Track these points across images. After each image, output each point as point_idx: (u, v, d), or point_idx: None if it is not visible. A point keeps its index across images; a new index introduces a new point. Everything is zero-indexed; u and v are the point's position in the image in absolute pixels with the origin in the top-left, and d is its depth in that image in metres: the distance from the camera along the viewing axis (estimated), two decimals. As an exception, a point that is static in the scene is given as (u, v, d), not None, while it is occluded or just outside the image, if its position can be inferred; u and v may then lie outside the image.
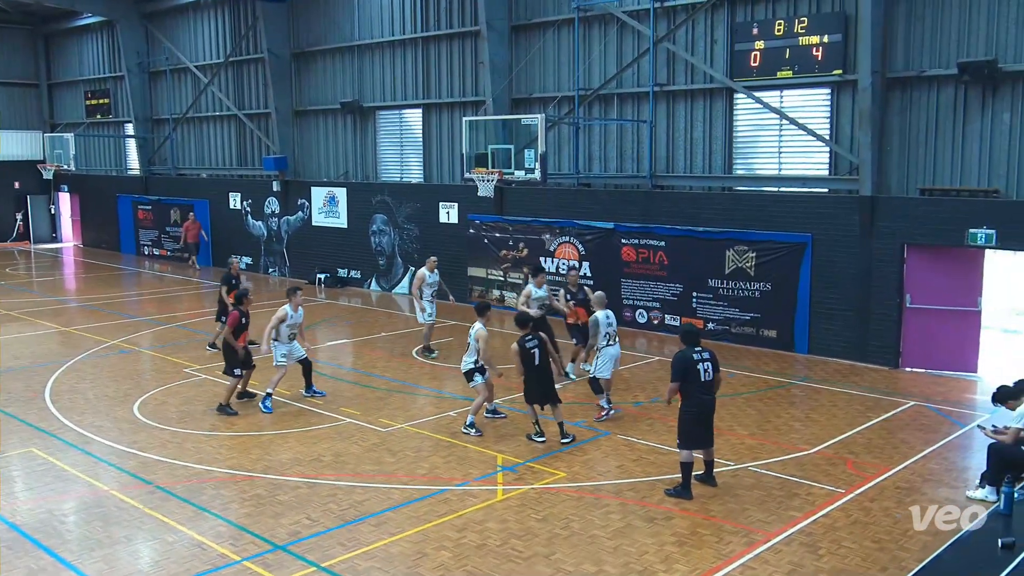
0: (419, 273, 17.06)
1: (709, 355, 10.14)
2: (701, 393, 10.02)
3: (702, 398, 10.03)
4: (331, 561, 8.52)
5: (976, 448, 11.45)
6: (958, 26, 15.31)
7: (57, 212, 39.38)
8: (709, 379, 10.04)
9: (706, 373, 10.01)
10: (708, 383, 10.05)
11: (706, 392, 10.06)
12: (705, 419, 10.09)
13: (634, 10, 19.38)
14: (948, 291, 15.71)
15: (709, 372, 10.03)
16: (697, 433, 10.10)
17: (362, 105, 25.48)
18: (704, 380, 10.00)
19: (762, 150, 18.31)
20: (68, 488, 10.45)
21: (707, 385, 10.05)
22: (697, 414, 10.04)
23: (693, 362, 9.99)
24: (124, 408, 13.65)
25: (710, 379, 10.05)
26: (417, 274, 17.14)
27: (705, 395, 10.05)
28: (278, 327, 13.78)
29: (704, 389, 10.04)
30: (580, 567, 8.41)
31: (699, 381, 9.98)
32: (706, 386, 10.04)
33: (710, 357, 10.12)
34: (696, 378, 9.97)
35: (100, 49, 35.61)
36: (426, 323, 16.92)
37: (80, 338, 18.86)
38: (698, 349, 10.13)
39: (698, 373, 9.96)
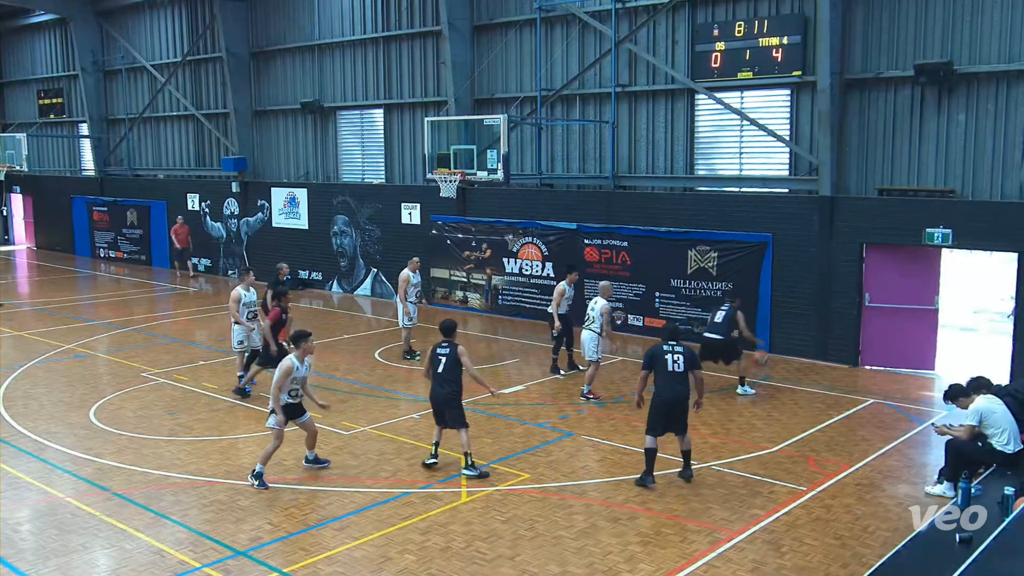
0: (403, 275, 16.75)
1: (683, 350, 10.43)
2: (666, 382, 10.31)
3: (667, 387, 10.30)
4: (293, 566, 8.41)
5: (934, 444, 11.61)
6: (914, 29, 15.54)
7: (9, 214, 38.59)
8: (679, 370, 10.30)
9: (675, 364, 10.29)
10: (676, 373, 10.30)
11: (674, 382, 10.29)
12: (669, 408, 10.31)
13: (596, 11, 19.43)
14: (906, 290, 15.94)
15: (679, 363, 10.30)
16: (658, 419, 10.38)
17: (323, 105, 25.27)
18: (671, 370, 10.29)
19: (723, 151, 18.44)
20: (22, 496, 10.21)
21: (674, 375, 10.29)
22: (661, 402, 10.35)
23: (661, 352, 10.38)
24: (80, 414, 13.38)
25: (680, 370, 10.30)
26: (401, 276, 16.78)
27: (672, 384, 10.28)
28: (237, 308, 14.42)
29: (670, 379, 10.29)
30: (545, 568, 8.38)
31: (665, 370, 10.30)
32: (673, 376, 10.29)
33: (683, 352, 10.40)
34: (663, 368, 10.31)
35: (53, 47, 34.97)
36: (407, 327, 16.67)
37: (34, 343, 18.47)
38: (671, 343, 10.48)
39: (665, 363, 10.30)
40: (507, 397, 14.27)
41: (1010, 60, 14.66)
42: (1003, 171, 14.95)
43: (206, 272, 29.03)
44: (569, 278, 15.64)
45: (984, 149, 15.07)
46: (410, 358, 16.70)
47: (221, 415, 13.30)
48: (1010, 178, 14.88)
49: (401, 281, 16.69)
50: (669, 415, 10.36)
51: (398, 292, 16.71)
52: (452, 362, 10.75)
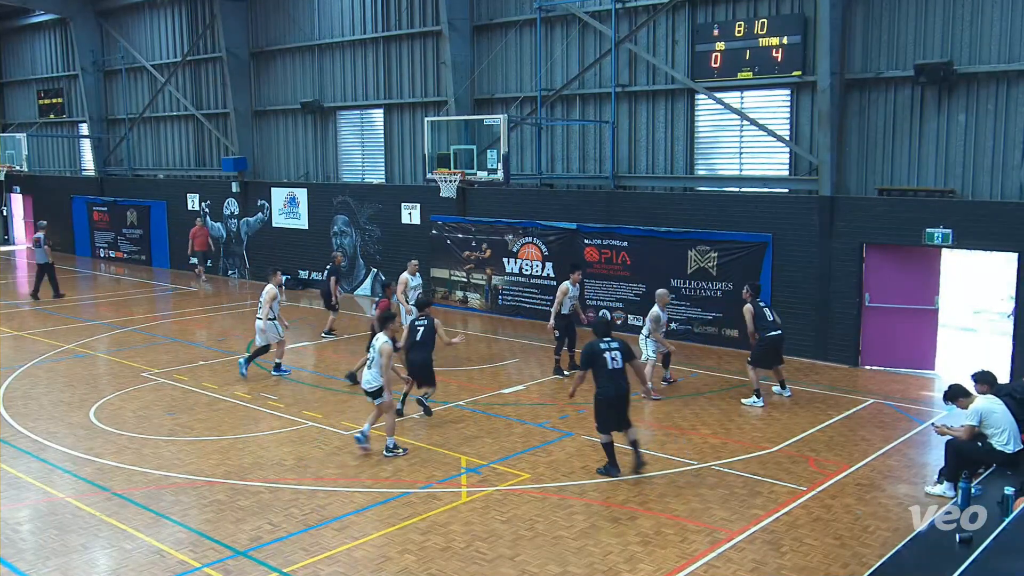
0: (402, 278, 16.77)
1: (619, 345, 10.63)
2: (608, 380, 10.52)
3: (610, 384, 10.51)
4: (293, 567, 8.40)
5: (934, 444, 11.61)
6: (914, 29, 15.54)
7: (9, 214, 38.59)
8: (618, 366, 10.50)
9: (613, 361, 10.50)
10: (616, 370, 10.51)
11: (616, 379, 10.52)
12: (615, 404, 10.57)
13: (596, 11, 19.43)
14: (906, 290, 15.94)
15: (617, 360, 10.51)
16: (608, 417, 10.62)
17: (323, 105, 25.27)
18: (611, 368, 10.49)
19: (723, 151, 18.44)
20: (22, 496, 10.21)
21: (614, 372, 10.51)
22: (605, 399, 10.57)
23: (599, 351, 10.54)
24: (80, 413, 13.38)
25: (618, 366, 10.51)
26: (400, 279, 16.78)
27: (614, 381, 10.51)
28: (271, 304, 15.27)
29: (612, 376, 10.51)
30: (545, 568, 8.38)
31: (605, 368, 10.49)
32: (613, 373, 10.51)
33: (619, 347, 10.60)
34: (603, 366, 10.50)
35: (53, 47, 34.97)
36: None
37: (34, 342, 18.47)
38: (607, 339, 10.66)
39: (604, 361, 10.49)
40: (507, 397, 14.28)
41: (1010, 60, 14.66)
42: (1003, 171, 14.94)
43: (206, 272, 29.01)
44: (573, 277, 15.64)
45: (984, 149, 15.07)
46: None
47: (221, 415, 13.30)
48: (1010, 178, 14.88)
49: (400, 284, 16.66)
50: (618, 410, 10.61)
51: (397, 295, 16.55)
52: (429, 331, 12.81)
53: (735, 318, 17.43)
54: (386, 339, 11.51)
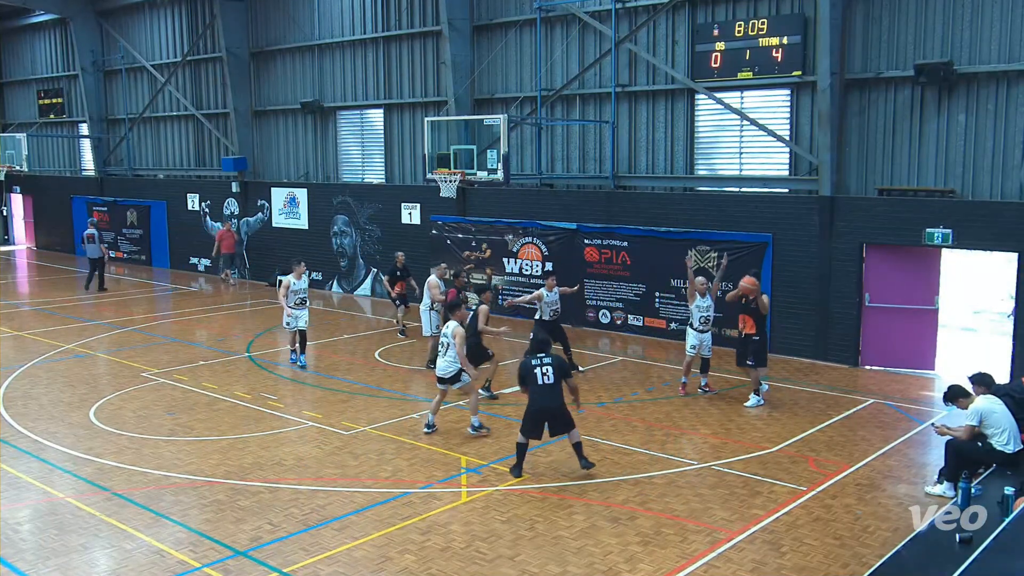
0: (432, 281, 16.40)
1: (551, 361, 10.78)
2: (538, 394, 10.67)
3: (538, 398, 10.67)
4: (293, 566, 8.40)
5: (934, 444, 11.61)
6: (914, 28, 15.54)
7: (9, 214, 38.59)
8: (549, 382, 10.62)
9: (544, 376, 10.64)
10: (547, 386, 10.63)
11: (545, 394, 10.65)
12: (541, 416, 10.69)
13: (596, 11, 19.43)
14: (906, 290, 15.94)
15: (549, 375, 10.64)
16: (533, 425, 10.74)
17: (323, 105, 25.27)
18: (542, 383, 10.64)
19: (723, 151, 18.44)
20: (22, 496, 10.21)
21: (544, 388, 10.63)
22: (533, 411, 10.71)
23: (530, 367, 10.75)
24: (80, 413, 13.38)
25: (550, 382, 10.63)
26: (430, 282, 16.42)
27: (543, 396, 10.65)
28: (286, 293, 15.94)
29: (542, 392, 10.65)
30: (545, 568, 8.38)
31: (536, 384, 10.68)
32: (543, 389, 10.64)
33: (551, 363, 10.76)
34: (534, 381, 10.69)
35: (53, 47, 34.97)
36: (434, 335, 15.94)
37: (34, 342, 18.47)
38: (540, 356, 10.83)
39: (535, 377, 10.67)
40: (507, 397, 14.28)
41: (1010, 60, 14.66)
42: (1003, 171, 14.95)
43: (205, 272, 29.02)
44: (548, 283, 15.51)
45: (984, 149, 15.07)
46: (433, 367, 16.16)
47: (221, 415, 13.30)
48: (1010, 178, 14.88)
49: (432, 289, 16.28)
50: (543, 422, 10.73)
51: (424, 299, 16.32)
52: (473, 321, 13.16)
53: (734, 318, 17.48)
54: (457, 324, 12.08)
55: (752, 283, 13.61)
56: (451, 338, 12.02)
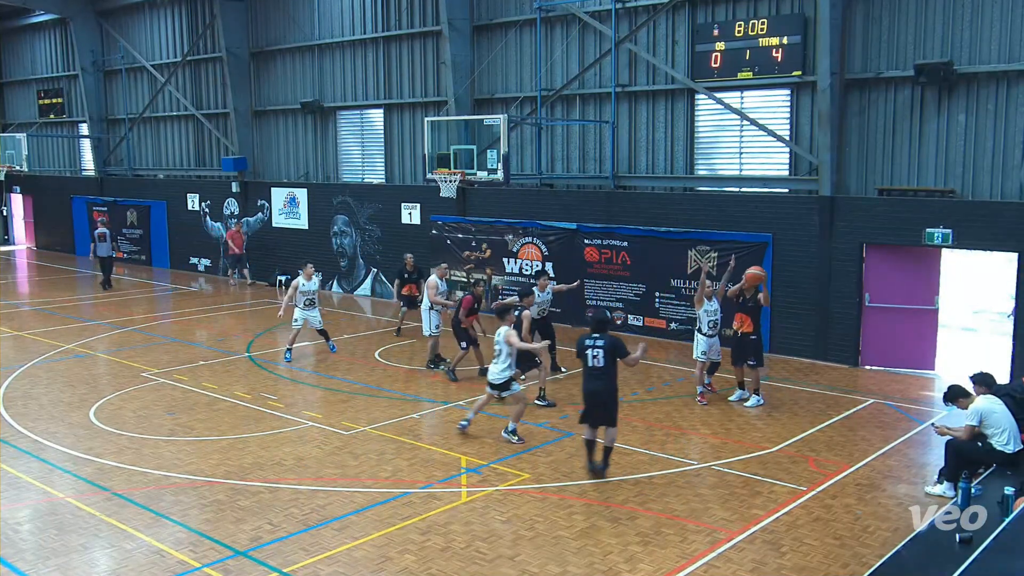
0: (431, 281, 16.12)
1: (604, 343, 10.49)
2: (587, 378, 10.59)
3: (587, 382, 10.59)
4: (293, 566, 8.40)
5: (934, 444, 11.61)
6: (914, 28, 15.54)
7: (9, 214, 38.59)
8: (599, 364, 10.45)
9: (594, 359, 10.48)
10: (596, 368, 10.48)
11: (593, 378, 10.52)
12: (593, 400, 10.54)
13: (596, 11, 19.43)
14: (906, 290, 15.94)
15: (599, 358, 10.45)
16: (589, 410, 10.61)
17: (323, 105, 25.27)
18: (591, 365, 10.50)
19: (723, 151, 18.44)
20: (22, 496, 10.21)
21: (593, 371, 10.51)
22: (585, 394, 10.64)
23: (583, 346, 10.59)
24: (80, 413, 13.38)
25: (599, 364, 10.45)
26: (429, 283, 16.14)
27: (591, 380, 10.54)
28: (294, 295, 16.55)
29: (590, 374, 10.55)
30: (545, 568, 8.38)
31: (586, 366, 10.58)
32: (592, 372, 10.52)
33: (603, 344, 10.48)
34: (585, 362, 10.60)
35: (53, 47, 34.97)
36: (435, 336, 16.03)
37: (34, 342, 18.47)
38: (595, 335, 10.56)
39: (585, 358, 10.55)
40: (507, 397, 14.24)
41: (1010, 60, 14.66)
42: (1003, 171, 14.94)
43: (205, 272, 29.02)
44: (540, 283, 15.27)
45: (984, 149, 15.07)
46: (433, 368, 16.02)
47: (221, 415, 13.30)
48: (1010, 178, 14.88)
49: (430, 289, 16.03)
50: (595, 406, 10.56)
51: (431, 299, 15.94)
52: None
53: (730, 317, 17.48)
54: (507, 328, 11.94)
55: (760, 272, 13.62)
56: (503, 343, 11.82)
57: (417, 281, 18.48)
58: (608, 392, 10.56)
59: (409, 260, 18.91)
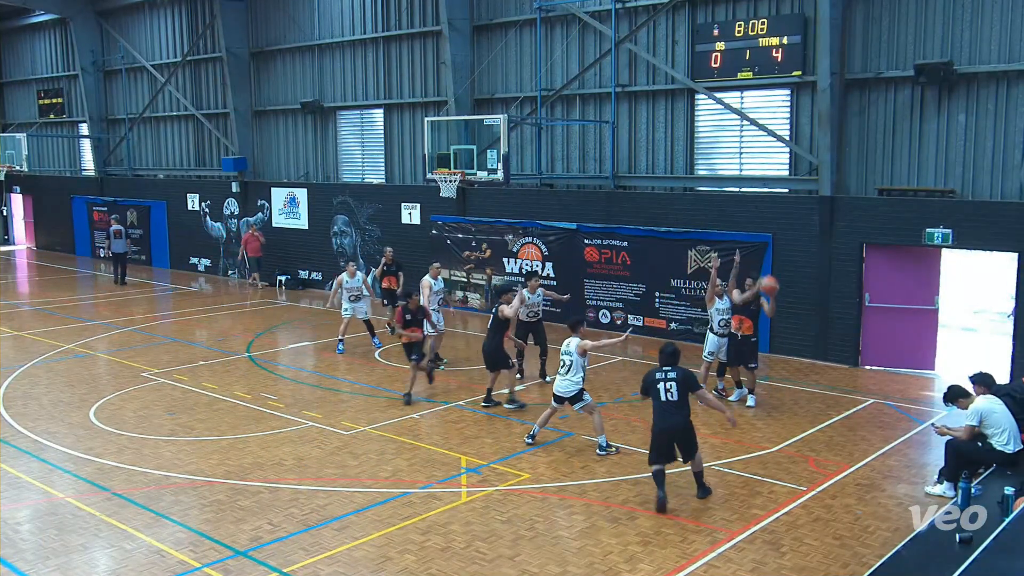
0: (424, 281, 16.13)
1: (676, 375, 9.86)
2: (661, 413, 9.84)
3: (661, 418, 9.83)
4: (293, 566, 8.41)
5: (934, 444, 11.60)
6: (915, 29, 15.54)
7: (9, 214, 38.59)
8: (672, 399, 9.76)
9: (668, 393, 9.78)
10: (671, 403, 9.78)
11: (669, 413, 9.79)
12: (668, 437, 9.84)
13: (596, 11, 19.43)
14: (906, 290, 15.94)
15: (672, 392, 9.77)
16: (658, 449, 9.88)
17: (323, 105, 25.28)
18: (665, 400, 9.79)
19: (723, 151, 18.44)
20: (22, 496, 10.21)
21: (668, 405, 9.79)
22: (658, 431, 9.87)
23: (654, 381, 9.91)
24: (80, 413, 13.39)
25: (674, 399, 9.76)
26: (423, 283, 16.14)
27: (667, 416, 9.79)
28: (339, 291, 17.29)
29: (665, 409, 9.81)
30: (545, 568, 8.38)
31: (659, 400, 9.85)
32: (667, 406, 9.80)
33: (676, 377, 9.84)
34: (657, 397, 9.86)
35: (53, 47, 34.97)
36: (431, 335, 15.73)
37: (34, 342, 18.48)
38: (666, 368, 9.93)
39: (658, 392, 9.84)
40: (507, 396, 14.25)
41: (1010, 60, 14.66)
42: (1003, 171, 14.94)
43: (205, 272, 29.02)
44: (531, 284, 14.93)
45: (984, 149, 15.07)
46: (438, 365, 15.96)
47: (221, 415, 13.30)
48: (1010, 178, 14.88)
49: (424, 288, 16.00)
50: (669, 444, 9.89)
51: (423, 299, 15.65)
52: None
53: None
54: (579, 339, 11.62)
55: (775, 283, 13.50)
56: (574, 354, 11.52)
57: (396, 273, 18.61)
58: (687, 427, 9.90)
59: (388, 253, 18.99)
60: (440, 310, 16.42)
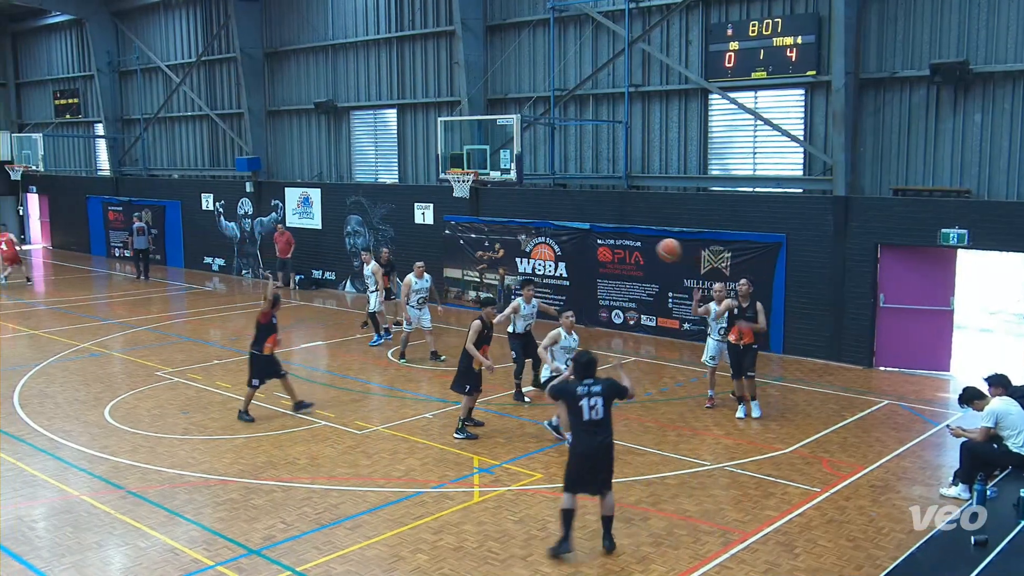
0: (406, 280, 16.74)
1: (600, 389, 8.60)
2: (583, 432, 8.59)
3: (584, 437, 8.58)
4: (306, 565, 8.44)
5: (949, 446, 11.53)
6: (930, 28, 15.46)
7: (26, 213, 38.84)
8: (597, 417, 8.53)
9: (592, 411, 8.52)
10: (594, 422, 8.53)
11: (591, 432, 8.54)
12: (591, 462, 8.61)
13: (609, 11, 19.41)
14: (921, 291, 15.85)
15: (598, 410, 8.53)
16: (577, 475, 8.63)
17: (336, 105, 25.34)
18: (588, 419, 8.53)
19: (737, 151, 18.39)
20: (37, 494, 10.29)
21: (590, 425, 8.53)
22: (580, 453, 8.64)
23: (575, 396, 8.59)
24: (95, 412, 13.47)
25: (598, 417, 8.53)
26: (404, 282, 16.78)
27: (589, 436, 8.54)
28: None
29: (587, 429, 8.55)
30: (557, 568, 8.38)
31: (580, 419, 8.58)
32: (589, 426, 8.54)
33: (601, 391, 8.59)
34: (578, 415, 8.57)
35: (69, 48, 35.20)
36: (423, 329, 16.76)
37: (50, 341, 18.60)
38: (588, 382, 8.66)
39: (580, 410, 8.55)
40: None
41: (1027, 59, 14.58)
42: (1019, 171, 14.84)
43: (219, 271, 29.15)
44: (525, 293, 14.25)
45: (1000, 149, 14.97)
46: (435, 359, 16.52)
47: (235, 414, 13.33)
48: (1027, 178, 14.78)
49: (404, 287, 16.71)
50: (592, 469, 8.61)
51: (401, 297, 16.97)
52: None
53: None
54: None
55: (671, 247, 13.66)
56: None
57: (389, 273, 18.87)
58: (609, 450, 8.70)
59: (385, 253, 19.51)
60: (422, 308, 16.73)
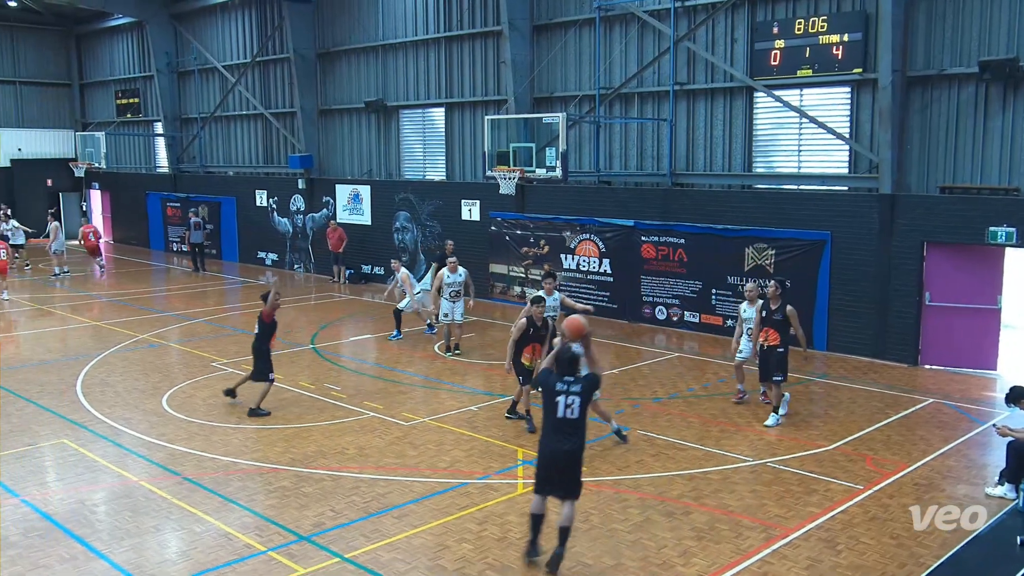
0: (439, 274, 17.36)
1: (579, 388, 8.09)
2: (553, 431, 8.14)
3: (550, 438, 8.16)
4: (354, 552, 8.67)
5: (995, 445, 11.43)
6: (979, 25, 15.29)
7: (88, 209, 39.89)
8: (572, 416, 8.03)
9: (568, 409, 8.04)
10: (568, 421, 8.05)
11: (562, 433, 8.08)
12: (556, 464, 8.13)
13: (655, 10, 19.46)
14: (967, 289, 15.69)
15: (574, 409, 8.04)
16: (546, 474, 8.21)
17: (386, 104, 25.71)
18: (562, 416, 8.05)
19: (782, 148, 18.34)
20: (98, 479, 10.69)
21: (563, 424, 8.07)
22: (547, 453, 8.17)
23: (553, 390, 8.11)
24: (153, 401, 13.92)
25: (573, 416, 8.03)
26: (438, 275, 17.41)
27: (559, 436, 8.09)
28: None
29: (558, 428, 8.10)
30: (599, 560, 8.53)
31: (554, 416, 8.12)
32: (562, 425, 8.08)
33: (579, 391, 8.07)
34: (551, 411, 8.14)
35: (130, 49, 36.12)
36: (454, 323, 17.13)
37: (110, 332, 19.20)
38: (568, 379, 8.13)
39: (555, 407, 8.09)
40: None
41: (1080, 56, 14.36)
42: (1071, 169, 14.64)
43: (272, 266, 29.73)
44: (547, 287, 14.08)
45: (1051, 147, 14.78)
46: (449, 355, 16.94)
47: (286, 404, 13.69)
48: (1078, 176, 14.57)
49: (435, 279, 17.36)
50: (559, 470, 8.15)
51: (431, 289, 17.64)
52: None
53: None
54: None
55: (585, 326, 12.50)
56: None
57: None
58: (578, 453, 8.14)
59: (449, 245, 20.21)
60: (455, 301, 17.03)
